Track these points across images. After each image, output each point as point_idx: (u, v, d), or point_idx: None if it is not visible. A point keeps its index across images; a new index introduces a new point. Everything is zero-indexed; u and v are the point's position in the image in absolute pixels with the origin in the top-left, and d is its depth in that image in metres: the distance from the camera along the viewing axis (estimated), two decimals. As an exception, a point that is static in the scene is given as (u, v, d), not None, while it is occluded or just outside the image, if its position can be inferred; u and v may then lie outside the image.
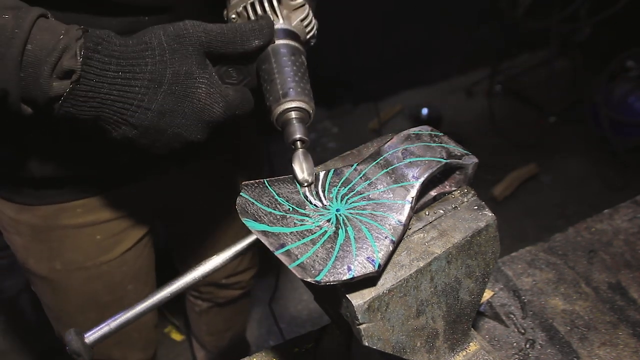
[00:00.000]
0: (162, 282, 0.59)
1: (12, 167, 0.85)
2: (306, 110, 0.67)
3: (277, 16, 0.71)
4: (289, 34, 0.72)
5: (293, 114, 0.66)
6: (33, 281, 1.04)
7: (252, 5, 0.71)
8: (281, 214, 0.56)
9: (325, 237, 0.53)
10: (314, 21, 0.76)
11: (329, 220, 0.55)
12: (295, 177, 0.61)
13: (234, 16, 0.72)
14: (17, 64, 0.54)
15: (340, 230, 0.53)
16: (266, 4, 0.70)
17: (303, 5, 0.73)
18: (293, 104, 0.66)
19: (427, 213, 0.59)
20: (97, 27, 0.60)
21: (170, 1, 0.74)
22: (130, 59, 0.60)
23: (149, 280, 1.14)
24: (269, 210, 0.56)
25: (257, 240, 0.56)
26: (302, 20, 0.74)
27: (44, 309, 1.10)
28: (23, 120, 0.64)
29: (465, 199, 0.61)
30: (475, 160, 0.61)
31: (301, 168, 0.61)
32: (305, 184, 0.60)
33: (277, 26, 0.71)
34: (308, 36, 0.76)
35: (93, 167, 0.87)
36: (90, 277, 1.00)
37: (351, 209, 0.56)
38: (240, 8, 0.71)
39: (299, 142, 0.64)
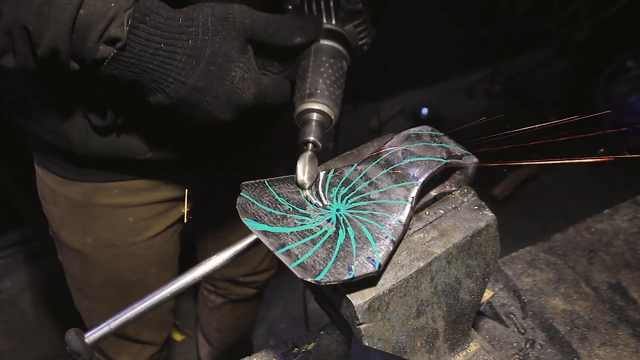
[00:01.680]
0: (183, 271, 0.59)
1: (59, 139, 0.87)
2: (328, 115, 0.67)
3: (331, 16, 0.71)
4: (337, 36, 0.72)
5: (314, 116, 0.66)
6: (63, 251, 1.08)
7: (309, 0, 0.70)
8: (281, 214, 0.56)
9: (326, 237, 0.53)
10: (369, 29, 0.76)
11: (329, 220, 0.55)
12: (295, 177, 0.61)
13: (290, 6, 0.72)
14: (69, 27, 0.57)
15: (340, 230, 0.53)
16: (322, 2, 0.70)
17: (360, 11, 0.72)
18: (316, 106, 0.66)
19: (427, 213, 0.59)
20: None
21: None
22: (174, 33, 0.62)
23: (172, 266, 1.17)
24: (270, 210, 0.56)
25: (257, 240, 0.57)
26: (355, 26, 0.73)
27: (66, 278, 1.14)
28: (74, 85, 0.69)
29: (466, 199, 0.61)
30: (476, 160, 0.61)
31: (303, 170, 0.61)
32: (302, 187, 0.60)
33: (327, 26, 0.70)
34: (360, 43, 0.75)
35: (135, 153, 0.89)
36: (118, 256, 1.04)
37: (351, 209, 0.56)
38: (298, 1, 0.71)
39: (310, 144, 0.65)
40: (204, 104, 0.66)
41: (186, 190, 1.04)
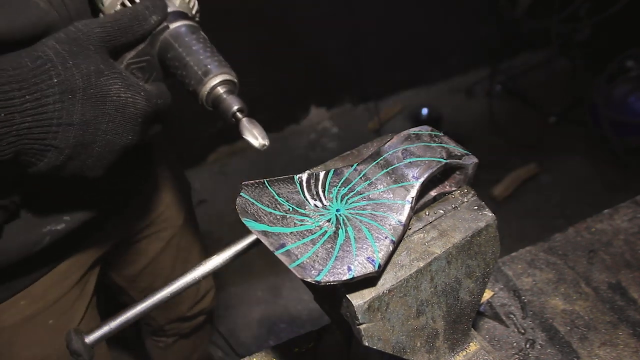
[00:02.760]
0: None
1: None
2: (231, 80, 0.65)
3: None
4: (180, 14, 0.69)
5: (220, 89, 0.64)
6: None
7: None
8: (281, 214, 0.56)
9: (325, 237, 0.53)
10: None
11: (329, 220, 0.55)
12: (251, 146, 0.58)
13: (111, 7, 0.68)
14: None
15: (340, 230, 0.53)
16: None
17: None
18: (217, 79, 0.64)
19: (427, 213, 0.59)
20: None
21: (47, 26, 0.63)
22: (31, 78, 0.53)
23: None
24: (269, 210, 0.56)
25: (257, 240, 0.57)
26: (183, 0, 0.70)
27: None
28: None
29: (465, 199, 0.61)
30: (475, 160, 0.61)
31: (254, 135, 0.59)
32: (264, 148, 0.58)
33: None
34: (194, 11, 0.73)
35: (28, 246, 0.76)
36: None
37: (351, 209, 0.56)
38: (118, 5, 0.67)
39: (238, 113, 0.62)
40: (101, 135, 0.59)
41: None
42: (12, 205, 0.70)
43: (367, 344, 0.52)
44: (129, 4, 0.67)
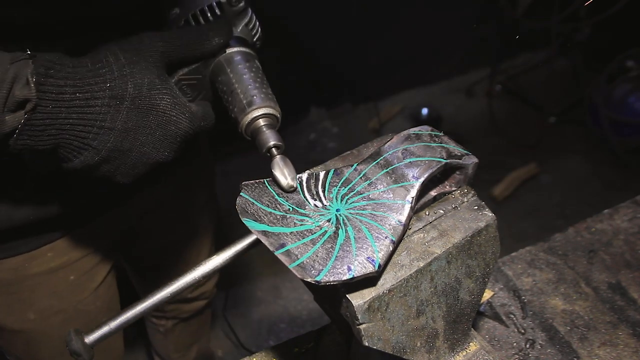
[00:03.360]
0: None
1: None
2: (274, 115, 0.66)
3: None
4: (239, 40, 0.70)
5: (262, 122, 0.64)
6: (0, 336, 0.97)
7: (195, 16, 0.68)
8: (281, 214, 0.56)
9: (325, 237, 0.53)
10: (257, 24, 0.74)
11: (329, 220, 0.55)
12: (279, 185, 0.59)
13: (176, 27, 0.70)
14: None
15: (340, 230, 0.53)
16: (209, 14, 0.68)
17: (245, 9, 0.71)
18: (260, 112, 0.64)
19: (427, 213, 0.59)
20: (47, 50, 0.56)
21: (123, 10, 0.69)
22: (87, 78, 0.56)
23: (118, 308, 1.11)
24: (269, 210, 0.56)
25: (257, 240, 0.56)
26: (246, 25, 0.72)
27: None
28: None
29: (465, 199, 0.61)
30: (475, 160, 0.61)
31: (283, 174, 0.59)
32: (291, 190, 0.59)
33: None
34: (255, 39, 0.74)
35: (58, 208, 0.81)
36: (67, 319, 0.97)
37: (351, 209, 0.56)
38: (182, 22, 0.69)
39: (274, 149, 0.62)
40: (138, 146, 0.60)
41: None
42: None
43: (367, 344, 0.52)
44: (193, 23, 0.68)
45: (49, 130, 0.55)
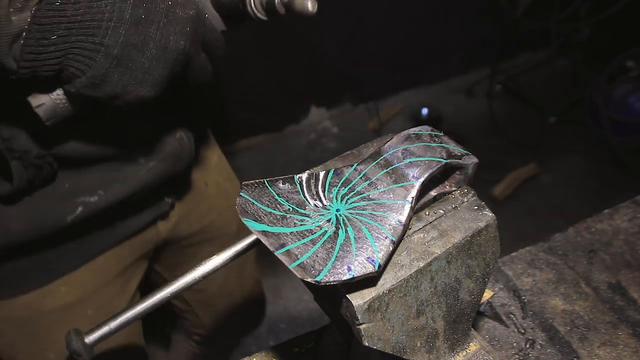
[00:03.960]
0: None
1: None
2: None
3: None
4: None
5: None
6: None
7: None
8: (281, 214, 0.56)
9: (325, 237, 0.53)
10: None
11: (329, 220, 0.55)
12: (305, 11, 0.57)
13: None
14: None
15: (340, 230, 0.53)
16: None
17: None
18: None
19: (427, 213, 0.59)
20: None
21: None
22: None
23: (142, 340, 1.07)
24: (269, 210, 0.56)
25: (257, 240, 0.56)
26: None
27: None
28: None
29: (465, 199, 0.61)
30: (476, 160, 0.61)
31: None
32: (314, 10, 0.57)
33: None
34: None
35: (59, 222, 0.76)
36: None
37: (351, 209, 0.56)
38: None
39: None
40: (151, 36, 0.55)
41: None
42: (47, 167, 0.68)
43: (367, 344, 0.52)
44: None
45: (58, 32, 0.50)
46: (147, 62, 0.56)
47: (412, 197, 0.55)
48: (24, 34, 0.49)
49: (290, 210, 0.57)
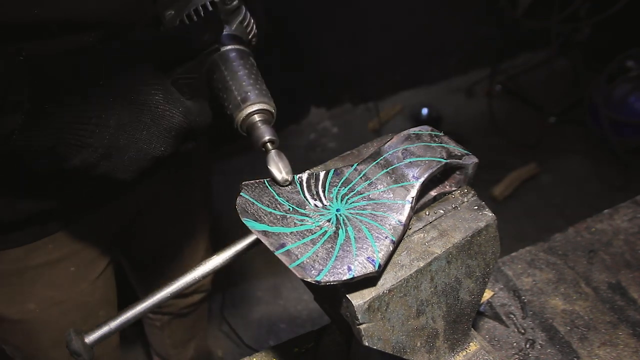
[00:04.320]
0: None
1: None
2: (268, 110, 0.66)
3: None
4: (233, 38, 0.70)
5: (256, 117, 0.65)
6: None
7: (189, 16, 0.69)
8: (281, 214, 0.56)
9: (326, 237, 0.53)
10: (252, 21, 0.75)
11: (329, 220, 0.55)
12: (274, 179, 0.59)
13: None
14: None
15: (340, 230, 0.53)
16: (202, 13, 0.69)
17: (239, 7, 0.71)
18: (255, 107, 0.65)
19: (427, 213, 0.59)
20: (41, 51, 0.58)
21: (112, 15, 0.70)
22: (79, 78, 0.58)
23: (116, 301, 1.12)
24: (269, 210, 0.56)
25: (257, 240, 0.56)
26: (241, 23, 0.72)
27: (4, 349, 1.05)
28: None
29: (465, 199, 0.61)
30: (476, 160, 0.61)
31: (278, 169, 0.60)
32: (287, 184, 0.59)
33: None
34: (250, 36, 0.75)
35: (60, 201, 0.83)
36: (67, 310, 0.98)
37: (351, 209, 0.56)
38: (177, 22, 0.70)
39: (269, 144, 0.63)
40: (134, 142, 0.61)
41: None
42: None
43: (367, 344, 0.52)
44: (187, 22, 0.69)
45: (47, 130, 0.56)
46: (129, 159, 0.63)
47: (412, 197, 0.55)
48: (15, 132, 0.54)
49: (291, 210, 0.57)
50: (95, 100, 0.58)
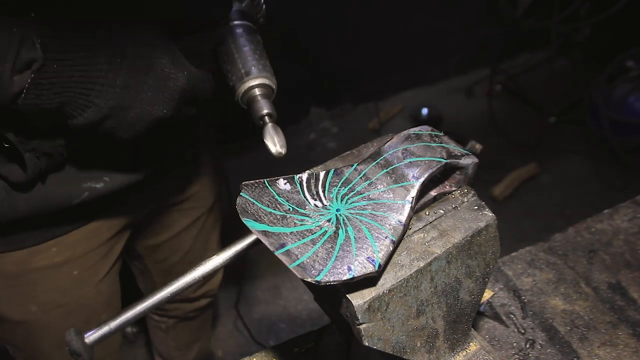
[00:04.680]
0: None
1: None
2: (269, 86, 0.69)
3: None
4: (243, 14, 0.72)
5: (257, 91, 0.67)
6: (1, 327, 0.98)
7: None
8: (281, 213, 0.56)
9: (326, 237, 0.53)
10: (260, 2, 0.76)
11: (329, 220, 0.55)
12: (269, 151, 0.61)
13: None
14: None
15: (340, 230, 0.53)
16: None
17: None
18: (257, 81, 0.67)
19: (427, 213, 0.59)
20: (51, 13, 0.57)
21: None
22: (89, 39, 0.58)
23: (118, 306, 1.12)
24: (269, 210, 0.56)
25: (257, 240, 0.56)
26: (252, 1, 0.74)
27: (7, 349, 1.05)
28: None
29: (465, 199, 0.61)
30: (476, 160, 0.61)
31: (273, 142, 0.62)
32: (280, 156, 0.60)
33: None
34: (258, 15, 0.76)
35: (70, 197, 0.82)
36: (69, 313, 0.98)
37: (351, 209, 0.56)
38: None
39: (266, 117, 0.65)
40: (138, 102, 0.63)
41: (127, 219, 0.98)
42: (58, 156, 0.73)
43: (367, 344, 0.52)
44: None
45: (55, 89, 0.57)
46: (131, 119, 0.64)
47: (412, 197, 0.55)
48: (24, 91, 0.56)
49: (291, 210, 0.57)
50: (103, 61, 0.58)
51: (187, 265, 1.29)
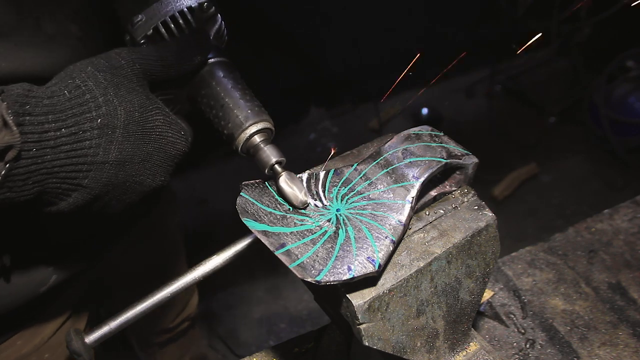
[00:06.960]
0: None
1: None
2: (269, 128, 0.63)
3: None
4: (215, 50, 0.66)
5: (259, 137, 0.62)
6: None
7: (165, 24, 0.63)
8: (281, 213, 0.56)
9: (326, 237, 0.53)
10: (224, 28, 0.69)
11: (329, 220, 0.55)
12: (290, 203, 0.57)
13: (142, 41, 0.64)
14: None
15: (340, 230, 0.53)
16: (181, 21, 0.63)
17: (215, 14, 0.66)
18: (257, 127, 0.62)
19: (427, 213, 0.59)
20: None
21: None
22: (69, 109, 0.48)
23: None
24: (270, 210, 0.56)
25: (257, 240, 0.56)
26: (217, 31, 0.68)
27: None
28: None
29: (466, 199, 0.61)
30: (476, 160, 0.61)
31: (294, 192, 0.56)
32: (304, 206, 0.57)
33: None
34: (224, 44, 0.70)
35: (36, 286, 0.74)
36: None
37: (351, 208, 0.56)
38: (151, 31, 0.64)
39: (277, 166, 0.60)
40: (135, 175, 0.54)
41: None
42: (1, 269, 0.67)
43: (367, 343, 0.52)
44: (164, 32, 0.63)
45: (34, 177, 0.47)
46: (125, 195, 0.56)
47: (412, 197, 0.55)
48: None
49: (291, 210, 0.57)
50: (91, 135, 0.49)
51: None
